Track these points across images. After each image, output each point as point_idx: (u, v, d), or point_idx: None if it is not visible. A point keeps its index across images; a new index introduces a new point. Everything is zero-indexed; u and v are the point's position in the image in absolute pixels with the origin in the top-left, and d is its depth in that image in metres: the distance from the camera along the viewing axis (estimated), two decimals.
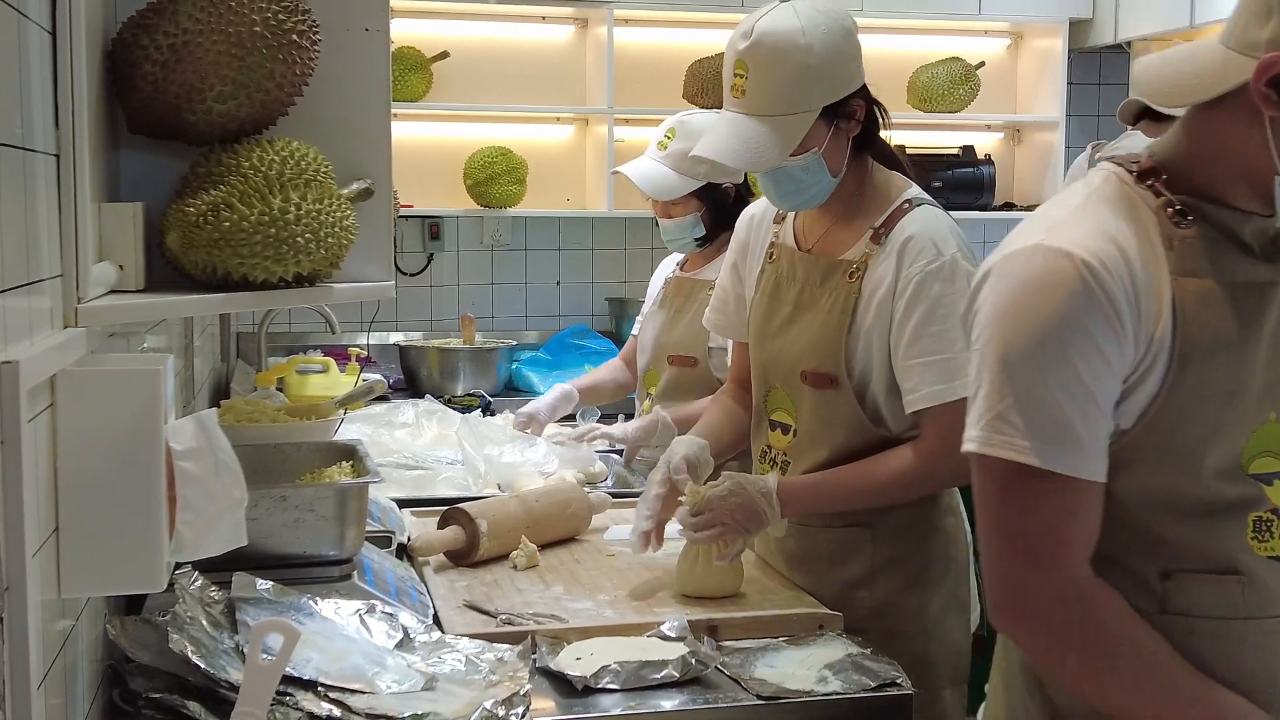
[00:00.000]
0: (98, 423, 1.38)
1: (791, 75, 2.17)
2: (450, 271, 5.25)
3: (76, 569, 1.39)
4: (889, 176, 2.33)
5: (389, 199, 1.91)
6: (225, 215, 1.63)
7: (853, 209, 2.29)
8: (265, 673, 1.49)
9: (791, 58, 2.16)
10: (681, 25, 5.27)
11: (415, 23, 5.01)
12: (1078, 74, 5.56)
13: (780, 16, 2.19)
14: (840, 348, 2.22)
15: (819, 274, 2.29)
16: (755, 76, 2.18)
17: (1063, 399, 1.41)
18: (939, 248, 2.19)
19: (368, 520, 2.30)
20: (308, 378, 3.99)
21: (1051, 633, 1.47)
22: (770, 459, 2.37)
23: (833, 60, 2.19)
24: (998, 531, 1.47)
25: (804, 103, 2.18)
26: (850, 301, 2.23)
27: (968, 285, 2.10)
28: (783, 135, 2.18)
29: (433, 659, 1.85)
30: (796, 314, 2.31)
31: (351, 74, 1.87)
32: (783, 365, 2.32)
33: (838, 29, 2.21)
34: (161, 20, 1.65)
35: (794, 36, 2.16)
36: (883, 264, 2.21)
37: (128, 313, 1.60)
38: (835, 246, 2.30)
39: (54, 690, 1.39)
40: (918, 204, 2.26)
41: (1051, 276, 1.42)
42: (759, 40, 2.17)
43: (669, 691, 1.85)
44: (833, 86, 2.20)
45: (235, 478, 1.50)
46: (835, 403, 2.25)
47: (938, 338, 2.16)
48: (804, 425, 2.30)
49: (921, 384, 2.16)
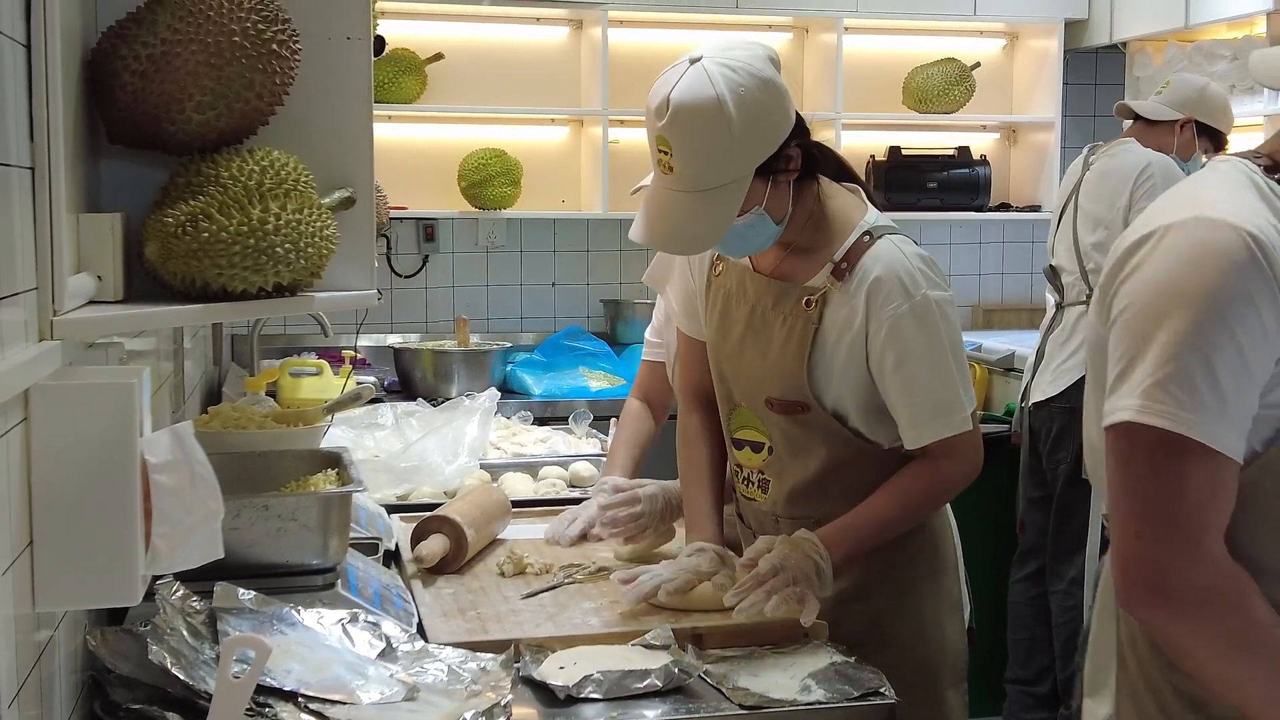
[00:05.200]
0: (72, 436, 1.38)
1: (715, 151, 2.05)
2: (445, 273, 5.25)
3: (51, 582, 1.39)
4: (843, 202, 2.26)
5: (371, 208, 1.91)
6: (204, 226, 1.63)
7: (807, 237, 2.23)
8: (236, 689, 1.49)
9: (712, 132, 2.03)
10: (676, 26, 5.27)
11: (409, 24, 5.01)
12: (1073, 74, 5.56)
13: (693, 86, 2.03)
14: (804, 380, 2.19)
15: (771, 297, 2.24)
16: (680, 154, 2.05)
17: (1223, 372, 1.39)
18: (907, 288, 2.14)
19: (354, 527, 2.31)
20: (301, 380, 3.98)
21: (1190, 617, 1.43)
22: (744, 478, 2.35)
23: (757, 122, 2.06)
24: (1140, 509, 1.43)
25: (734, 171, 2.07)
26: (808, 332, 2.19)
27: (940, 318, 2.13)
28: (720, 208, 2.08)
29: (415, 668, 1.85)
30: (749, 336, 2.27)
31: (333, 83, 1.86)
32: (744, 387, 2.29)
33: (755, 85, 2.05)
34: (140, 30, 1.65)
35: (711, 111, 2.02)
36: (849, 303, 2.17)
37: (105, 324, 1.59)
38: (792, 272, 2.24)
39: (30, 703, 1.39)
40: (878, 235, 2.20)
41: (1218, 247, 1.40)
42: (676, 115, 2.03)
43: (651, 701, 1.85)
44: (761, 147, 2.09)
45: (211, 490, 1.50)
46: (811, 424, 2.23)
47: (913, 380, 2.14)
48: (779, 443, 2.28)
49: (915, 424, 2.16)
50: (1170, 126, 4.22)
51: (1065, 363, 4.16)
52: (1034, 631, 4.35)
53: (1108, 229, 4.05)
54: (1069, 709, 4.15)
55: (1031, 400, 4.25)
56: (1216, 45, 5.04)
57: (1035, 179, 5.55)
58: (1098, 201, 4.13)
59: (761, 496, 2.33)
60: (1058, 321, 4.23)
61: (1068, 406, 4.07)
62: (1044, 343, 4.28)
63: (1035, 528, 4.32)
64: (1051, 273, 4.29)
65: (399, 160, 4.97)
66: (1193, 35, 5.14)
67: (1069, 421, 4.07)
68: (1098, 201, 4.13)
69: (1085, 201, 4.19)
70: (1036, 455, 4.28)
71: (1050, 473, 4.21)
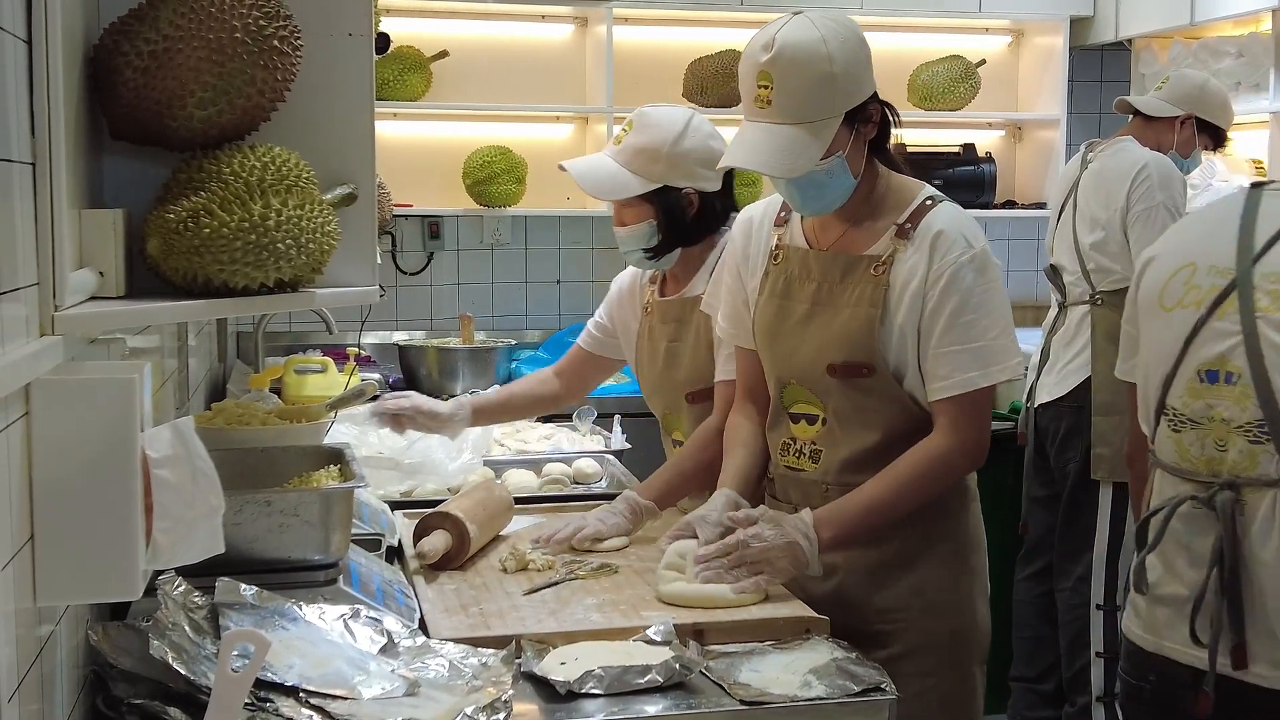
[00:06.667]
0: (73, 431, 1.38)
1: (816, 83, 2.22)
2: (450, 271, 5.26)
3: (52, 577, 1.39)
4: (902, 178, 2.40)
5: (373, 204, 1.91)
6: (205, 222, 1.63)
7: (868, 209, 2.36)
8: (236, 683, 1.49)
9: (815, 66, 2.22)
10: (681, 24, 5.27)
11: (414, 22, 5.01)
12: (1079, 71, 5.55)
13: (799, 28, 2.24)
14: (873, 339, 2.28)
15: (838, 270, 2.34)
16: (781, 86, 2.22)
17: None
18: (969, 240, 2.29)
19: (357, 522, 2.31)
20: (305, 378, 4.00)
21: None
22: (796, 450, 2.42)
23: (851, 67, 2.25)
24: None
25: (829, 109, 2.24)
26: (879, 294, 2.29)
27: (996, 271, 2.30)
28: (812, 141, 2.23)
29: (416, 664, 1.86)
30: (815, 311, 2.36)
31: (335, 79, 1.87)
32: (801, 361, 2.36)
33: (853, 37, 2.27)
34: (142, 27, 1.65)
35: (816, 46, 2.22)
36: (912, 258, 2.29)
37: (106, 320, 1.60)
38: (854, 245, 2.36)
39: (30, 697, 1.40)
40: (939, 200, 2.35)
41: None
42: (781, 51, 2.21)
43: (652, 696, 1.85)
44: (853, 92, 2.26)
45: (212, 485, 1.50)
46: (873, 389, 2.31)
47: (971, 326, 2.25)
48: (837, 413, 2.35)
49: (955, 370, 2.26)
50: (1170, 123, 4.19)
51: (1071, 362, 4.14)
52: (1038, 630, 4.34)
53: (1105, 229, 4.03)
54: (1074, 706, 4.15)
55: (1038, 400, 4.23)
56: (1222, 42, 5.03)
57: (1040, 176, 5.54)
58: (1095, 202, 4.10)
59: (811, 466, 2.39)
60: (1060, 321, 4.20)
61: (1075, 405, 4.06)
62: (1048, 343, 4.26)
63: (1042, 526, 4.30)
64: (1053, 272, 4.26)
65: (404, 158, 4.98)
66: (1198, 32, 5.13)
67: (1077, 421, 4.05)
68: (1095, 202, 4.10)
69: (1083, 201, 4.15)
70: (1043, 454, 4.26)
71: (1058, 471, 4.20)
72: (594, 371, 3.13)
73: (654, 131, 2.67)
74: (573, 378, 3.12)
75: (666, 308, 2.82)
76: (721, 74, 5.08)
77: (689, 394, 2.77)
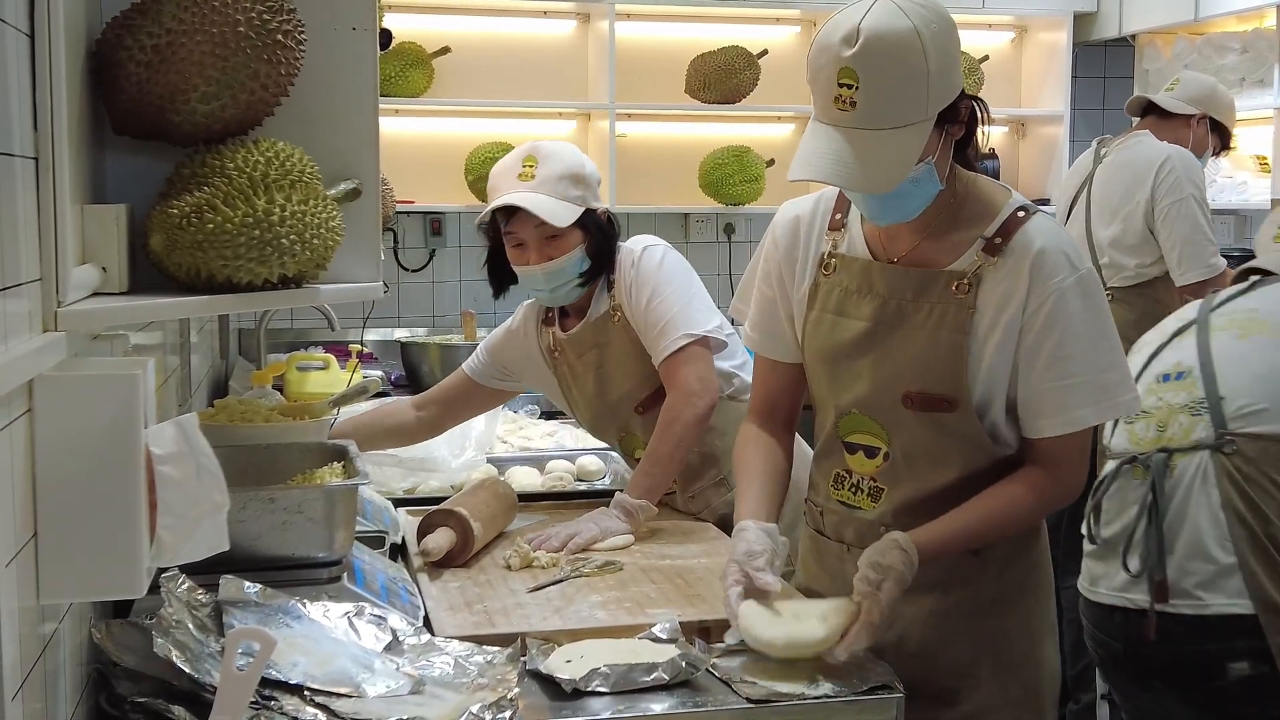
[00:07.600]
0: (76, 427, 1.37)
1: (909, 81, 1.90)
2: (452, 267, 5.25)
3: (56, 575, 1.38)
4: (985, 182, 2.10)
5: (377, 199, 1.90)
6: (209, 217, 1.62)
7: (947, 218, 2.05)
8: (240, 681, 1.48)
9: (908, 63, 1.90)
10: (683, 19, 5.26)
11: (416, 18, 5.00)
12: (1082, 67, 5.54)
13: (886, 16, 1.90)
14: (961, 369, 2.01)
15: (910, 288, 2.05)
16: (868, 86, 1.89)
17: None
18: (1073, 261, 2.00)
19: (361, 520, 2.30)
20: (308, 375, 3.99)
21: None
22: (851, 485, 2.15)
23: (945, 62, 1.93)
24: None
25: (922, 110, 1.92)
26: (963, 317, 2.01)
27: (1102, 296, 2.07)
28: (902, 149, 1.93)
29: (421, 662, 1.85)
30: (882, 331, 2.07)
31: (339, 73, 1.86)
32: (867, 388, 2.08)
33: (946, 24, 1.95)
34: (145, 20, 1.64)
35: (909, 38, 1.89)
36: (1007, 279, 2.00)
37: (109, 316, 1.59)
38: (932, 258, 2.05)
39: (34, 695, 1.39)
40: (1033, 211, 2.05)
41: None
42: (869, 44, 1.88)
43: (658, 694, 1.84)
44: (947, 88, 1.95)
45: (216, 482, 1.49)
46: (950, 426, 2.04)
47: (1079, 358, 2.00)
48: (905, 448, 2.08)
49: (1063, 408, 2.01)
50: (1185, 121, 4.20)
51: None
52: None
53: (1125, 222, 4.02)
54: (1078, 704, 4.14)
55: None
56: (1226, 38, 5.02)
57: (1044, 172, 5.53)
58: (1114, 194, 4.09)
59: (870, 505, 2.13)
60: None
61: None
62: None
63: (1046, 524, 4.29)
64: None
65: (406, 154, 4.97)
66: (1202, 28, 5.12)
67: None
68: (1114, 194, 4.09)
69: (1099, 194, 4.15)
70: None
71: None
72: (469, 406, 3.00)
73: (562, 160, 2.67)
74: (442, 408, 2.97)
75: (579, 340, 2.79)
76: (724, 70, 5.07)
77: (637, 406, 2.75)
